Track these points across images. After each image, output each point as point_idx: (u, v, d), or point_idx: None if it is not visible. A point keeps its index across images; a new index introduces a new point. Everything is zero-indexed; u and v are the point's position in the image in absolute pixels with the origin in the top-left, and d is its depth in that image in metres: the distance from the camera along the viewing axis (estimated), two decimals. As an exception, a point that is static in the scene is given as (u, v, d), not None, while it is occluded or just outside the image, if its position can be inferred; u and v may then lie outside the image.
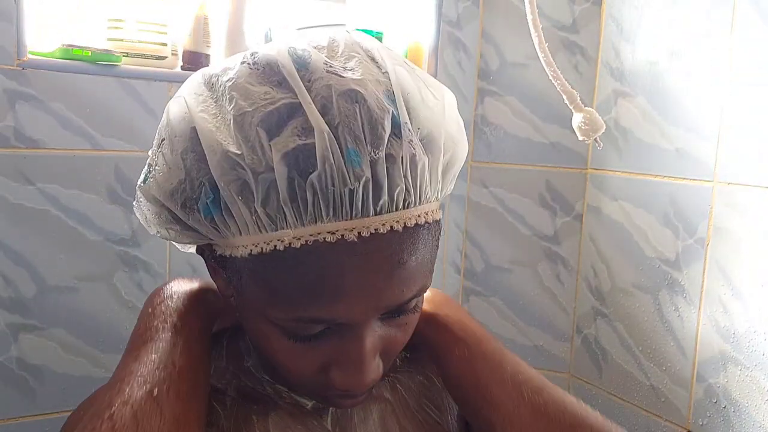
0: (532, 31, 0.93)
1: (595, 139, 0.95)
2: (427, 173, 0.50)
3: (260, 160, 0.47)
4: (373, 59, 0.51)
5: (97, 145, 1.07)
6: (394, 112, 0.48)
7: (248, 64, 0.50)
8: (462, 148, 0.55)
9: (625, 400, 1.27)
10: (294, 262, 0.48)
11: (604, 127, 0.95)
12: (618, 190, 1.28)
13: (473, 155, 1.43)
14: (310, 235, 0.47)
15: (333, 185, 0.46)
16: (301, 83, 0.47)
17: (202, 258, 0.59)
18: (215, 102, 0.50)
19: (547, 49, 0.93)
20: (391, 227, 0.48)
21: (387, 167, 0.47)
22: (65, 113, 1.05)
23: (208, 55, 1.18)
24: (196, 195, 0.50)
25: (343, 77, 0.48)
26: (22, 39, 1.02)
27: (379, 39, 1.30)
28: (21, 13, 1.01)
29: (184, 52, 1.18)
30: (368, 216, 0.48)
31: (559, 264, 1.39)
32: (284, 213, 0.47)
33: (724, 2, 1.08)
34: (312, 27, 1.28)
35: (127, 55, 1.11)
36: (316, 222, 0.47)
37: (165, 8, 1.18)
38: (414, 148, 0.49)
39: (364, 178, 0.47)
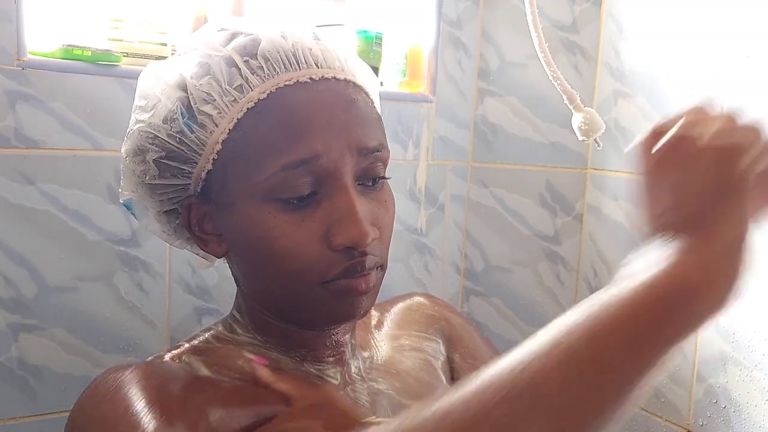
0: (532, 31, 0.93)
1: (595, 139, 0.95)
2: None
3: (216, 48, 0.60)
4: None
5: (97, 145, 1.07)
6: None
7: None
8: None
9: (625, 400, 1.27)
10: (266, 113, 0.58)
11: (604, 127, 0.95)
12: (618, 190, 1.28)
13: (473, 155, 1.43)
14: (272, 86, 0.59)
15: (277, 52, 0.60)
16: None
17: (196, 252, 0.67)
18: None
19: (547, 49, 0.93)
20: (334, 76, 0.61)
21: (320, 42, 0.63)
22: (65, 113, 1.05)
23: (208, 55, 1.18)
24: (174, 113, 0.60)
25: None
26: (22, 39, 1.02)
27: (379, 39, 1.30)
28: (21, 13, 1.01)
29: (184, 52, 1.18)
30: (313, 68, 0.60)
31: (559, 264, 1.39)
32: (247, 80, 0.59)
33: (724, 2, 1.08)
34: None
35: (127, 55, 1.11)
36: (273, 77, 0.59)
37: (165, 8, 1.18)
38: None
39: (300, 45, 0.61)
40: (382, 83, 1.34)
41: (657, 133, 0.44)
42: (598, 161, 1.33)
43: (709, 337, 1.10)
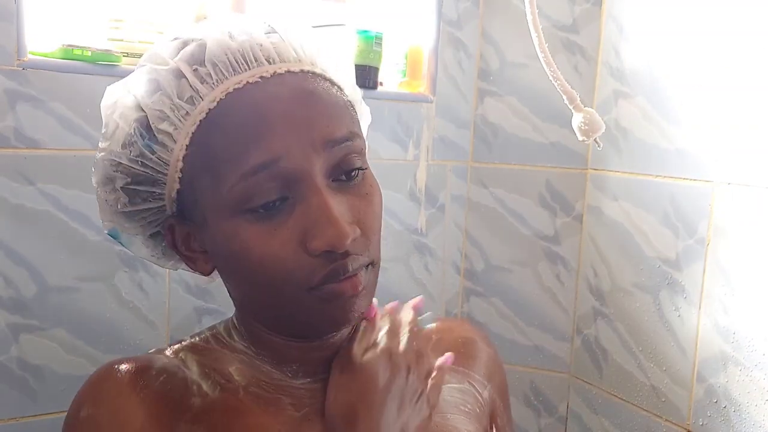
0: (532, 31, 0.93)
1: (595, 139, 0.95)
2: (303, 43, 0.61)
3: (164, 61, 0.58)
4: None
5: (97, 145, 1.07)
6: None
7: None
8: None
9: (625, 400, 1.27)
10: (220, 121, 0.55)
11: (604, 127, 0.95)
12: (618, 190, 1.28)
13: (473, 155, 1.43)
14: (222, 93, 0.56)
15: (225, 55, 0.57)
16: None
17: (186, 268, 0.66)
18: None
19: (547, 49, 0.93)
20: (288, 70, 0.57)
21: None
22: (65, 113, 1.05)
23: (208, 55, 1.18)
24: (133, 136, 0.59)
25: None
26: (22, 39, 1.02)
27: (379, 39, 1.30)
28: (21, 13, 1.01)
29: (184, 52, 1.18)
30: (263, 66, 0.57)
31: (559, 264, 1.39)
32: (197, 90, 0.56)
33: (723, 2, 1.08)
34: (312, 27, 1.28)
35: (127, 55, 1.11)
36: (223, 83, 0.56)
37: (165, 8, 1.18)
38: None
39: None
40: (381, 83, 1.34)
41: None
42: (598, 161, 1.33)
43: (709, 337, 1.10)
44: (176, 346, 0.65)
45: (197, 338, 0.66)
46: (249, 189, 0.54)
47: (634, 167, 1.25)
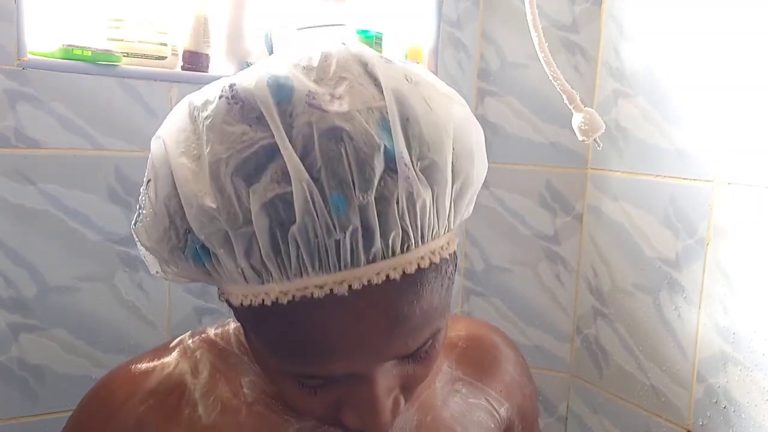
0: (532, 31, 0.93)
1: (595, 139, 0.95)
2: (431, 209, 0.45)
3: (237, 213, 0.43)
4: (370, 75, 0.46)
5: (97, 145, 1.07)
6: (387, 145, 0.43)
7: (226, 98, 0.45)
8: (480, 168, 0.50)
9: (625, 400, 1.27)
10: (283, 318, 0.44)
11: (604, 127, 0.95)
12: (618, 190, 1.28)
13: (473, 155, 1.42)
14: (297, 290, 0.43)
15: (316, 236, 0.42)
16: (279, 121, 0.42)
17: None
18: (197, 140, 0.45)
19: (547, 49, 0.93)
20: (387, 276, 0.43)
21: (379, 211, 0.42)
22: (65, 113, 1.05)
23: (207, 55, 1.19)
24: (182, 243, 0.47)
25: (327, 112, 0.42)
26: (22, 39, 1.02)
27: (379, 39, 1.30)
28: (21, 13, 1.01)
29: (184, 52, 1.18)
30: (359, 266, 0.43)
31: (559, 264, 1.39)
32: (267, 267, 0.44)
33: (723, 2, 1.08)
34: (312, 27, 1.28)
35: (127, 55, 1.11)
36: (302, 275, 0.43)
37: (165, 8, 1.18)
38: (412, 185, 0.43)
39: (351, 227, 0.42)
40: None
41: None
42: (598, 161, 1.33)
43: (709, 337, 1.10)
44: (197, 341, 0.62)
45: (220, 337, 0.62)
46: (297, 377, 0.48)
47: (634, 167, 1.25)
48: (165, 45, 1.15)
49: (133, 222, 0.52)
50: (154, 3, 1.17)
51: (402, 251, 0.44)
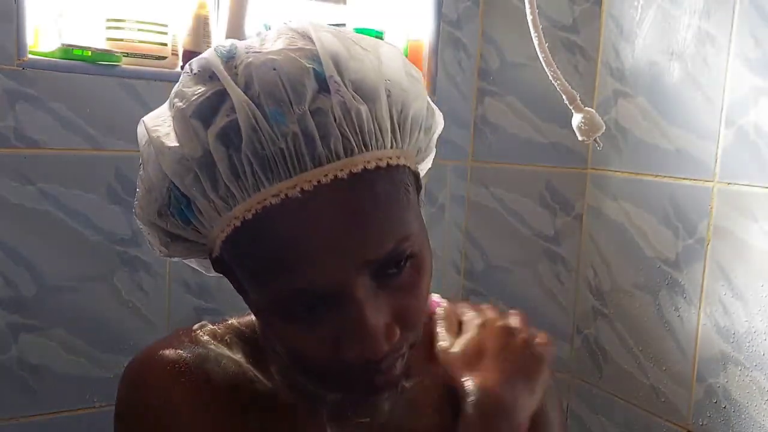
0: (532, 31, 0.93)
1: (595, 139, 0.95)
2: (369, 119, 0.50)
3: (197, 146, 0.49)
4: (302, 34, 0.52)
5: (97, 144, 1.07)
6: (316, 69, 0.49)
7: (187, 72, 0.52)
8: (415, 97, 0.54)
9: (625, 400, 1.27)
10: (254, 236, 0.49)
11: (604, 127, 0.95)
12: (618, 190, 1.28)
13: (473, 155, 1.42)
14: (257, 203, 0.48)
15: (263, 149, 0.48)
16: (226, 73, 0.49)
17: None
18: (169, 110, 0.53)
19: (547, 49, 0.93)
20: (335, 176, 0.48)
21: (316, 121, 0.48)
22: (65, 113, 1.05)
23: (208, 55, 1.18)
24: (167, 202, 0.52)
25: (262, 52, 0.50)
26: (22, 39, 1.02)
27: (380, 39, 1.29)
28: (21, 13, 1.01)
29: (184, 52, 1.18)
30: (307, 170, 0.48)
31: (559, 264, 1.39)
32: (231, 191, 0.49)
33: (724, 2, 1.08)
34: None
35: (127, 55, 1.11)
36: (259, 189, 0.48)
37: (165, 8, 1.18)
38: (344, 97, 0.49)
39: (291, 134, 0.48)
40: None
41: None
42: (598, 161, 1.33)
43: (709, 337, 1.10)
44: (223, 327, 0.62)
45: (245, 327, 0.63)
46: (284, 303, 0.50)
47: (634, 167, 1.25)
48: (165, 45, 1.15)
49: (133, 208, 0.56)
50: (154, 3, 1.17)
51: (347, 155, 0.49)
